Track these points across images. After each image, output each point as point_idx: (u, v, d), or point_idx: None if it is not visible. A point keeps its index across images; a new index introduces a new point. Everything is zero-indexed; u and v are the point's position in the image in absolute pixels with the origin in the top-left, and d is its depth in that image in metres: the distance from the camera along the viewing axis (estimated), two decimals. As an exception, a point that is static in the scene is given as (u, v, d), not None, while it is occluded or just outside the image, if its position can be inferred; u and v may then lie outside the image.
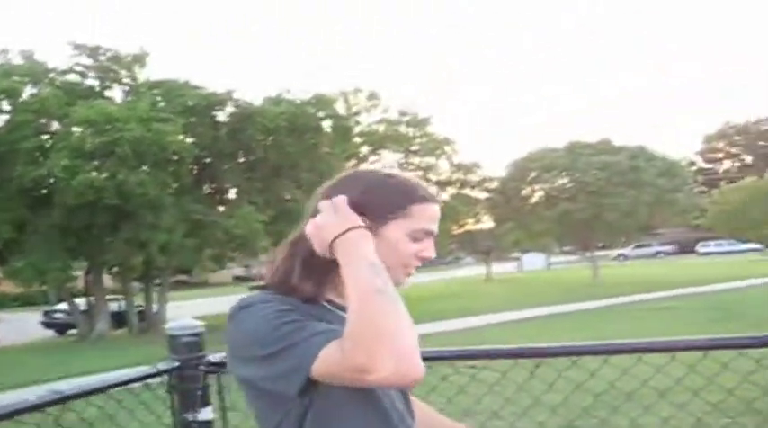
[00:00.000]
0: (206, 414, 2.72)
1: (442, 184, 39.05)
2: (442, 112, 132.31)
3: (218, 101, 28.15)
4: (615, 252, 70.48)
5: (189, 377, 2.72)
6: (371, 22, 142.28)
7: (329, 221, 1.47)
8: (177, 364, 2.73)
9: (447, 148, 38.63)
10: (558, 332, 16.65)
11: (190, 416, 2.68)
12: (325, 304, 1.53)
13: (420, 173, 38.90)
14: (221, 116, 28.71)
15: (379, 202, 1.52)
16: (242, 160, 29.12)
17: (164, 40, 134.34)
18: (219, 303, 38.81)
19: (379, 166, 1.66)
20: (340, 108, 36.27)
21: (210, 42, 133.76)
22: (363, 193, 1.53)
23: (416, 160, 38.97)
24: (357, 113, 37.81)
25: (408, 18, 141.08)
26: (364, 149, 38.15)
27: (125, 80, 28.40)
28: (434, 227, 1.58)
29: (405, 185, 1.57)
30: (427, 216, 1.56)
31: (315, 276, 1.51)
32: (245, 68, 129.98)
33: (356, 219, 1.46)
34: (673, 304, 22.85)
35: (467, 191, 40.81)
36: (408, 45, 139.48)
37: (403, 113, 38.15)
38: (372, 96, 37.92)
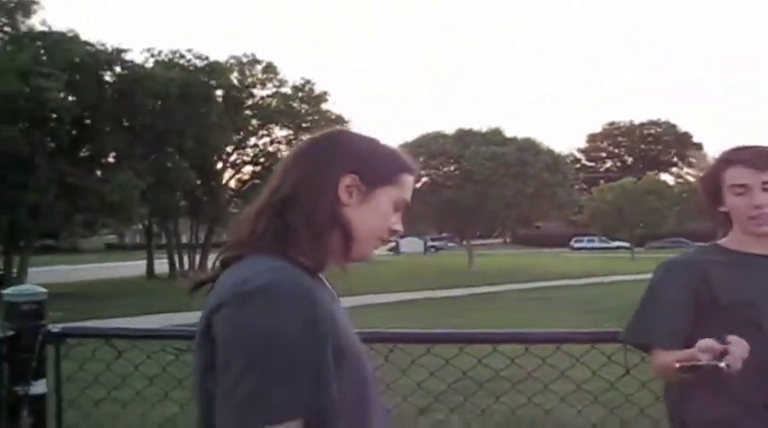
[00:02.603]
0: (39, 387, 2.56)
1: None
2: (445, 108, 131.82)
3: (106, 59, 27.07)
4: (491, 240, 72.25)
5: (24, 347, 2.55)
6: (366, 21, 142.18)
7: None
8: (12, 333, 2.55)
9: (338, 127, 38.38)
10: (429, 316, 16.87)
11: (21, 389, 2.51)
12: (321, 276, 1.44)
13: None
14: (108, 76, 27.67)
15: (375, 166, 1.48)
16: (126, 124, 28.14)
17: (162, 39, 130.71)
18: (89, 270, 37.45)
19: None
20: (234, 78, 35.55)
21: (209, 42, 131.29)
22: (360, 154, 1.48)
23: (306, 137, 38.57)
24: (252, 85, 37.10)
25: (402, 17, 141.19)
26: (254, 122, 37.51)
27: (5, 29, 26.90)
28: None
29: (395, 153, 1.54)
30: (410, 188, 1.54)
31: (321, 240, 1.41)
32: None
33: None
34: (546, 295, 23.58)
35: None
36: (403, 44, 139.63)
37: (298, 88, 37.70)
38: (269, 69, 37.28)
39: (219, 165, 36.13)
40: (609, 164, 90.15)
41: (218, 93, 31.89)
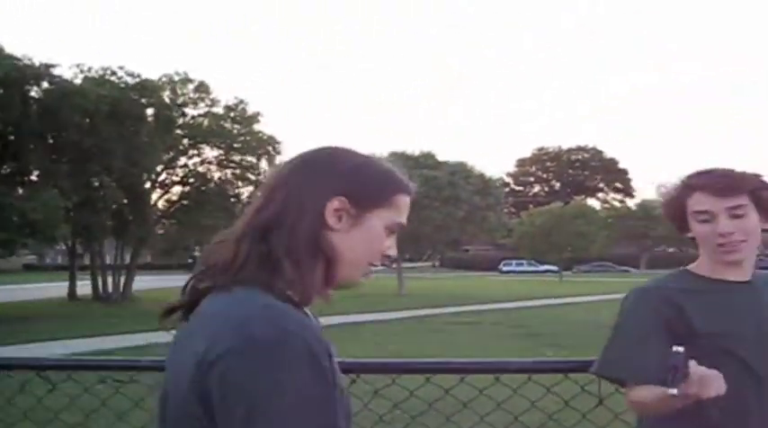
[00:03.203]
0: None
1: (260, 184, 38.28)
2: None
3: (33, 74, 26.27)
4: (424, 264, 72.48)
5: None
6: (371, 22, 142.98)
7: None
8: None
9: (270, 148, 38.01)
10: (364, 342, 16.66)
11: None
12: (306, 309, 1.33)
13: (239, 171, 38.08)
14: (35, 91, 26.85)
15: (366, 187, 1.38)
16: (51, 141, 27.27)
17: (163, 38, 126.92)
18: (7, 292, 36.20)
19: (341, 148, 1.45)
20: (167, 97, 34.86)
21: (210, 42, 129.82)
22: (349, 175, 1.36)
23: (237, 158, 38.09)
24: (184, 104, 36.45)
25: (408, 18, 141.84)
26: (185, 142, 36.85)
27: None
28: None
29: (389, 172, 1.42)
30: (405, 209, 1.44)
31: (304, 269, 1.30)
32: (245, 68, 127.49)
33: None
34: (476, 319, 23.60)
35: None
36: (408, 44, 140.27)
37: (230, 108, 37.22)
38: (201, 88, 36.72)
39: (148, 185, 35.30)
40: (537, 188, 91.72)
41: (149, 111, 31.24)
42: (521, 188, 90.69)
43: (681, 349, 1.66)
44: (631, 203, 76.28)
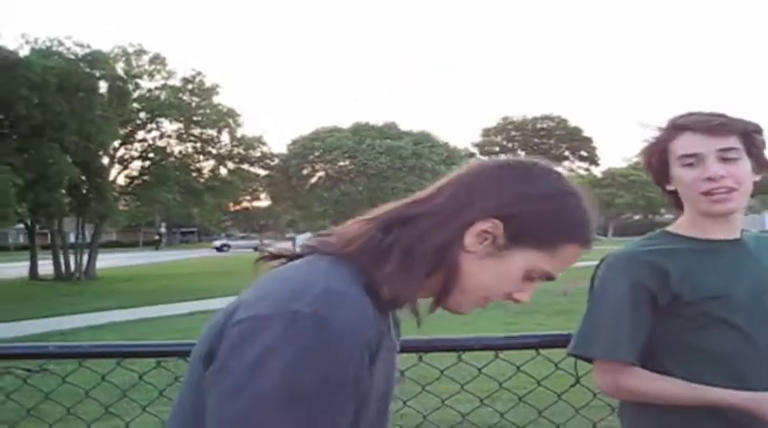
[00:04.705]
0: None
1: (222, 158, 37.83)
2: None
3: (-27, 46, 25.36)
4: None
5: None
6: (370, 21, 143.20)
7: None
8: None
9: (230, 121, 37.45)
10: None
11: None
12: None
13: (199, 145, 37.49)
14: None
15: (532, 222, 1.16)
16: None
17: (175, 44, 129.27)
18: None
19: (514, 160, 1.27)
20: (120, 69, 34.04)
21: (210, 42, 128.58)
22: (520, 200, 1.17)
23: (197, 131, 37.40)
24: (138, 76, 35.61)
25: (407, 17, 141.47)
26: (142, 115, 36.07)
27: None
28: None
29: (577, 215, 1.20)
30: (568, 261, 1.21)
31: (414, 276, 1.14)
32: (243, 70, 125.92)
33: None
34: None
35: (246, 166, 39.95)
36: (408, 44, 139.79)
37: (188, 80, 36.48)
38: (156, 60, 35.94)
39: (106, 161, 34.52)
40: (503, 158, 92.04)
41: (102, 84, 30.39)
42: (486, 158, 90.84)
43: None
44: (597, 171, 76.88)
